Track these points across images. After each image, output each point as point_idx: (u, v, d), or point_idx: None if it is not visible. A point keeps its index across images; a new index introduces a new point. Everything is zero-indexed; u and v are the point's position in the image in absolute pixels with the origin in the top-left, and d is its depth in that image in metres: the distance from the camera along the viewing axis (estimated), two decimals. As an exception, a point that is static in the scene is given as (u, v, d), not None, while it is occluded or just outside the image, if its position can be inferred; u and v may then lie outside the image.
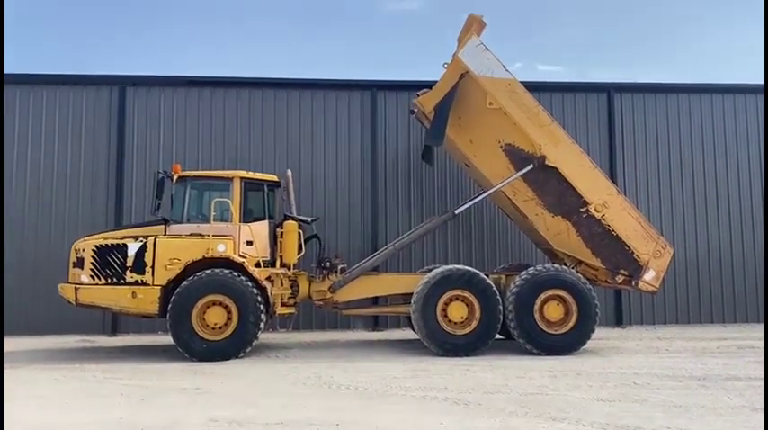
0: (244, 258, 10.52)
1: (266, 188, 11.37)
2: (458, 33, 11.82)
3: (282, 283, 11.00)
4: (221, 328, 10.15)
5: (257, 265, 10.64)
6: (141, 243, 10.38)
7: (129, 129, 14.49)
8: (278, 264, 11.06)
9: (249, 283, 10.19)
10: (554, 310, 10.72)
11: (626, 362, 9.73)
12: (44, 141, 14.27)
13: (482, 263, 14.41)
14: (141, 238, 10.45)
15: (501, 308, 10.64)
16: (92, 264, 10.35)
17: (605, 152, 15.24)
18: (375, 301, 12.84)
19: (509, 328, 10.73)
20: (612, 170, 15.00)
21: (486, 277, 10.92)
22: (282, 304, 10.96)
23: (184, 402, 7.12)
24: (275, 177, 11.76)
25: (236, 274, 10.19)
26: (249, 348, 10.28)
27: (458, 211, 11.85)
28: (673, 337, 12.95)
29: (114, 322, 13.80)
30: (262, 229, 11.03)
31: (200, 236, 10.51)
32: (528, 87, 11.35)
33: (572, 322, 10.68)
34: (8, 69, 14.24)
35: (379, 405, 6.94)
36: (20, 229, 13.94)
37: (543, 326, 10.63)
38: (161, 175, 11.05)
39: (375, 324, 14.49)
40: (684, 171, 15.55)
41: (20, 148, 14.19)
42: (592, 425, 5.97)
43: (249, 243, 10.76)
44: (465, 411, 6.62)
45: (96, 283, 10.32)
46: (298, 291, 11.27)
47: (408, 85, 14.87)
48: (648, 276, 11.15)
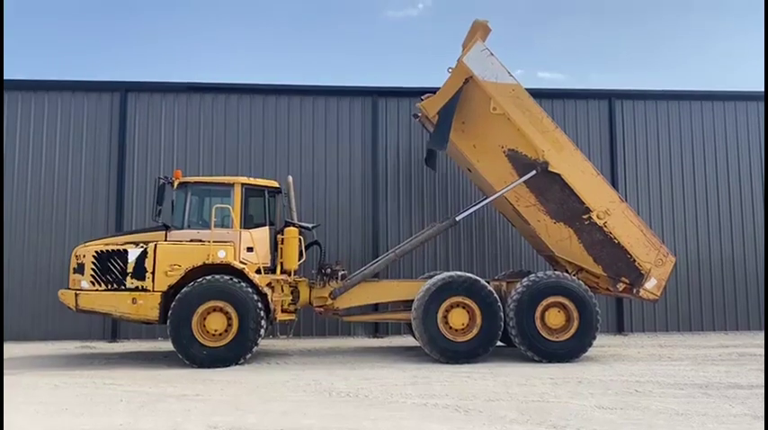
0: (244, 264, 10.51)
1: (267, 194, 11.37)
2: (458, 40, 11.86)
3: (283, 290, 10.98)
4: (221, 335, 10.14)
5: (258, 272, 10.62)
6: (142, 249, 10.38)
7: (131, 135, 14.51)
8: (278, 270, 11.04)
9: (250, 290, 10.18)
10: (555, 317, 10.70)
11: (627, 370, 9.70)
12: (45, 147, 14.29)
13: (483, 269, 14.39)
14: (142, 244, 10.45)
15: (502, 315, 10.62)
16: (92, 269, 10.35)
17: (606, 159, 15.24)
18: (376, 308, 12.84)
19: (510, 335, 10.71)
20: (613, 177, 15.00)
21: (488, 284, 10.90)
22: (283, 310, 10.94)
23: (184, 408, 7.09)
24: (276, 183, 11.77)
25: (236, 281, 10.18)
26: (249, 355, 10.26)
27: (459, 218, 11.83)
28: (674, 345, 12.91)
29: (114, 328, 13.78)
30: (262, 236, 11.03)
31: (200, 242, 10.50)
32: (529, 94, 11.35)
33: (573, 329, 10.66)
34: (10, 75, 14.37)
35: (380, 412, 6.92)
36: (20, 235, 13.94)
37: (544, 334, 10.60)
38: (162, 181, 11.06)
39: (376, 331, 14.46)
40: (685, 178, 15.54)
41: (21, 154, 14.21)
42: (593, 433, 5.95)
43: (250, 249, 10.76)
44: (466, 419, 6.60)
45: (97, 289, 10.30)
46: (298, 297, 11.26)
47: (409, 92, 14.90)
48: (650, 284, 11.12)
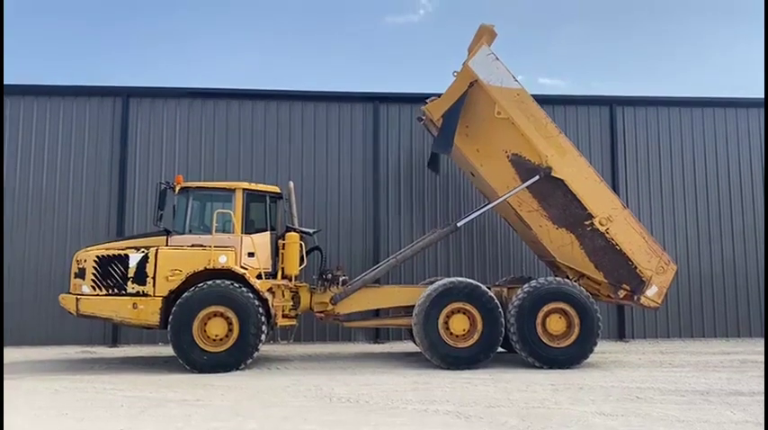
0: (245, 269, 10.51)
1: (268, 199, 11.38)
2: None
3: (284, 295, 10.97)
4: (222, 340, 10.12)
5: (259, 277, 10.62)
6: (143, 254, 10.38)
7: (132, 140, 14.54)
8: (279, 275, 11.04)
9: (250, 295, 10.17)
10: (556, 324, 10.68)
11: (628, 376, 9.68)
12: (47, 151, 14.31)
13: (484, 275, 14.37)
14: (143, 249, 10.45)
15: (503, 320, 10.61)
16: (93, 274, 10.35)
17: (607, 165, 15.23)
18: (376, 313, 12.80)
19: (511, 341, 10.69)
20: (614, 183, 14.99)
21: (488, 290, 10.89)
22: (284, 316, 10.93)
23: (185, 414, 7.09)
24: (277, 189, 11.78)
25: (237, 286, 10.18)
26: (250, 360, 10.25)
27: (460, 224, 11.83)
28: (675, 351, 12.88)
29: (115, 333, 13.76)
30: (263, 241, 11.03)
31: (201, 247, 10.51)
32: (533, 99, 11.35)
33: (574, 335, 10.64)
34: (13, 80, 14.40)
35: (380, 418, 6.91)
36: (22, 239, 13.94)
37: (545, 340, 10.58)
38: (163, 186, 11.07)
39: (376, 336, 14.44)
40: (687, 184, 15.53)
41: (23, 159, 14.24)
42: (594, 440, 5.94)
43: (251, 254, 10.76)
44: (466, 425, 6.59)
45: (97, 294, 10.31)
46: (299, 302, 11.25)
47: (410, 98, 14.94)
48: (651, 292, 11.10)
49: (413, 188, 14.99)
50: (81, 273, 10.45)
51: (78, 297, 10.32)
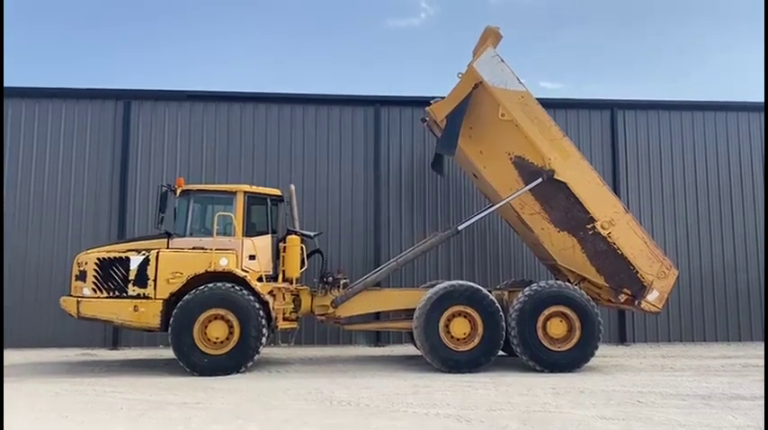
0: (246, 272, 10.51)
1: (269, 202, 11.39)
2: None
3: (284, 298, 10.97)
4: (223, 343, 10.12)
5: (260, 280, 10.62)
6: (144, 256, 10.39)
7: (134, 143, 14.55)
8: (280, 278, 11.04)
9: (251, 298, 10.18)
10: (557, 327, 10.67)
11: (630, 380, 9.66)
12: (49, 154, 14.33)
13: (485, 279, 14.35)
14: (144, 252, 10.46)
15: (504, 324, 10.60)
16: (94, 276, 10.36)
17: (608, 169, 15.22)
18: (377, 317, 12.82)
19: (512, 345, 10.68)
20: (615, 187, 14.97)
21: (489, 293, 10.89)
22: (284, 319, 10.92)
23: (185, 416, 7.08)
24: (278, 191, 11.79)
25: (238, 288, 10.18)
26: (250, 363, 10.25)
27: (461, 227, 11.83)
28: (677, 355, 12.87)
29: (115, 335, 13.76)
30: (264, 244, 11.04)
31: (202, 249, 10.52)
32: (537, 102, 11.33)
33: (575, 339, 10.63)
34: (14, 82, 14.41)
35: (381, 421, 6.90)
36: (23, 242, 13.95)
37: (546, 343, 10.57)
38: (164, 189, 11.09)
39: (377, 339, 14.44)
40: (687, 188, 15.53)
41: (24, 161, 14.25)
42: (595, 444, 5.93)
43: (252, 257, 10.76)
44: (467, 428, 6.58)
45: (98, 296, 10.32)
46: (300, 305, 11.25)
47: (411, 101, 14.98)
48: (652, 297, 11.08)
49: (414, 191, 15.00)
50: (82, 275, 10.45)
51: (79, 299, 10.32)
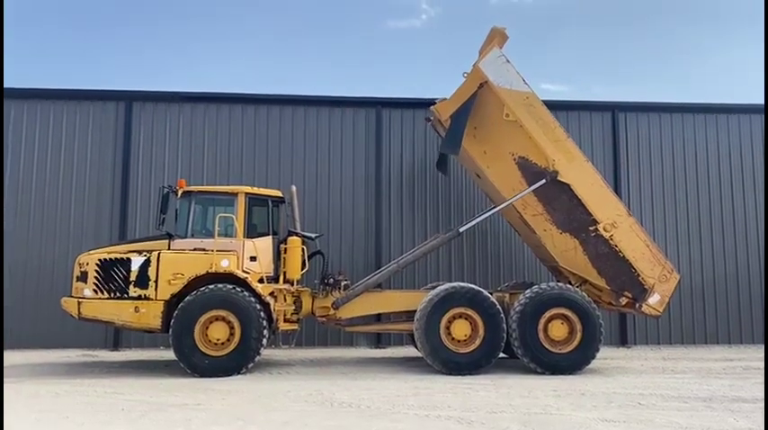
0: (247, 274, 10.51)
1: (271, 204, 11.39)
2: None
3: (286, 299, 10.97)
4: (224, 344, 10.12)
5: (261, 281, 10.62)
6: (145, 257, 10.39)
7: (135, 144, 14.57)
8: (281, 279, 11.04)
9: (252, 299, 10.17)
10: (558, 329, 10.66)
11: (631, 383, 9.65)
12: (50, 155, 14.35)
13: (486, 280, 14.35)
14: (145, 253, 10.46)
15: (505, 326, 10.58)
16: (95, 277, 10.36)
17: (610, 171, 15.21)
18: (378, 318, 12.81)
19: (513, 347, 10.66)
20: (617, 188, 14.96)
21: (491, 295, 10.88)
22: (285, 320, 10.92)
23: (185, 418, 7.08)
24: (280, 193, 11.79)
25: (239, 290, 10.18)
26: (251, 364, 10.24)
27: (462, 230, 11.82)
28: (678, 358, 12.85)
29: (116, 337, 13.77)
30: (266, 245, 11.04)
31: (203, 251, 10.52)
32: (542, 103, 11.31)
33: (576, 341, 10.61)
34: (15, 84, 14.41)
35: (382, 423, 6.89)
36: (24, 243, 13.97)
37: (547, 345, 10.56)
38: (166, 190, 11.09)
39: (378, 341, 14.43)
40: (689, 190, 15.51)
41: (26, 162, 14.28)
42: (596, 446, 5.92)
43: (253, 258, 10.76)
44: (468, 430, 6.57)
45: (99, 297, 10.31)
46: (301, 307, 11.25)
47: (413, 103, 15.00)
48: (653, 300, 11.06)
49: (415, 193, 15.00)
50: (83, 276, 10.45)
51: (80, 300, 10.32)
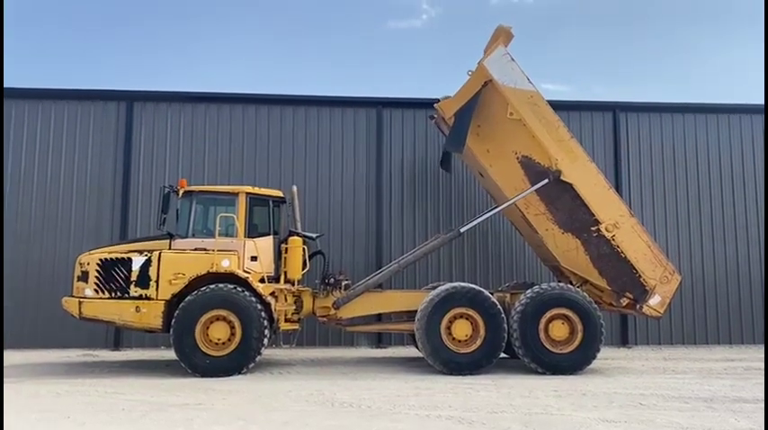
0: (248, 273, 10.51)
1: (271, 204, 11.39)
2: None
3: (286, 299, 10.97)
4: (225, 344, 10.12)
5: (261, 281, 10.62)
6: (146, 257, 10.39)
7: (136, 144, 14.58)
8: (282, 279, 11.04)
9: (253, 299, 10.17)
10: (559, 329, 10.65)
11: (632, 383, 9.64)
12: (51, 155, 14.36)
13: (487, 281, 14.35)
14: (146, 252, 10.45)
15: (506, 326, 10.58)
16: (96, 277, 10.36)
17: (611, 171, 15.19)
18: (379, 318, 12.81)
19: (514, 347, 10.65)
20: (617, 189, 14.90)
21: (491, 295, 10.87)
22: (286, 320, 10.92)
23: (186, 418, 7.08)
24: (280, 193, 11.79)
25: (240, 290, 10.18)
26: (252, 364, 10.24)
27: (463, 230, 11.81)
28: (679, 358, 12.84)
29: (117, 336, 13.77)
30: (266, 245, 11.03)
31: (204, 251, 10.51)
32: (547, 102, 11.29)
33: (577, 341, 10.61)
34: (16, 84, 14.43)
35: (382, 423, 6.88)
36: (25, 242, 13.97)
37: (548, 346, 10.56)
38: (167, 190, 11.09)
39: (379, 341, 14.43)
40: (690, 190, 15.50)
41: (27, 162, 14.28)
42: (597, 447, 5.91)
43: (254, 258, 10.75)
44: (469, 430, 6.57)
45: (100, 297, 10.31)
46: (302, 306, 11.26)
47: (413, 103, 15.00)
48: (654, 301, 11.05)
49: (416, 193, 14.99)
50: (84, 276, 10.46)
51: (81, 300, 10.32)
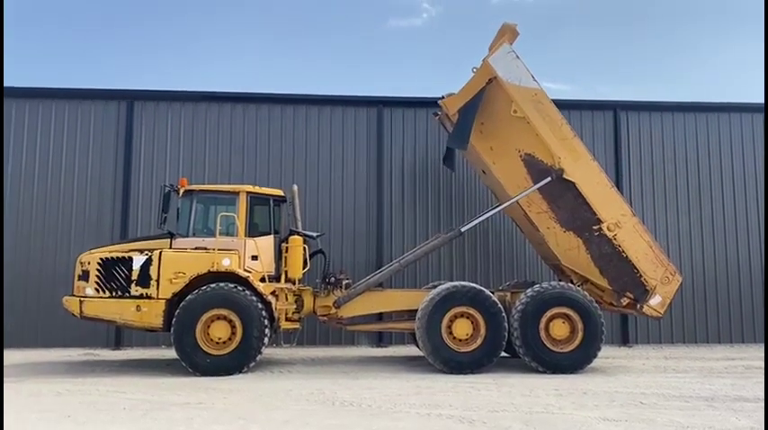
0: (249, 273, 10.51)
1: (272, 203, 11.40)
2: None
3: (287, 298, 10.98)
4: (225, 343, 10.12)
5: (262, 280, 10.62)
6: (146, 256, 10.39)
7: (137, 143, 14.58)
8: (283, 278, 11.04)
9: (254, 298, 10.17)
10: (560, 328, 10.65)
11: (632, 382, 9.63)
12: (52, 154, 14.36)
13: (487, 280, 14.35)
14: (147, 252, 10.46)
15: (506, 325, 10.58)
16: (97, 276, 10.36)
17: (611, 170, 15.16)
18: (380, 317, 12.81)
19: (514, 346, 10.66)
20: (618, 187, 14.87)
21: (492, 294, 10.87)
22: (287, 319, 10.93)
23: (187, 417, 7.08)
24: (281, 192, 11.79)
25: (240, 289, 10.18)
26: (253, 363, 10.24)
27: (464, 229, 11.80)
28: (680, 357, 12.83)
29: (118, 335, 13.78)
30: (267, 244, 11.04)
31: (205, 250, 10.52)
32: (551, 101, 11.28)
33: (578, 340, 10.61)
34: (17, 83, 14.43)
35: (383, 422, 6.88)
36: (25, 242, 13.98)
37: (549, 344, 10.55)
38: (167, 189, 11.10)
39: (379, 340, 14.43)
40: (691, 189, 15.49)
41: (28, 161, 14.29)
42: (598, 446, 5.91)
43: (254, 257, 10.76)
44: (470, 429, 6.56)
45: (101, 296, 10.32)
46: (302, 306, 11.26)
47: (415, 102, 14.99)
48: (654, 301, 11.04)
49: (416, 192, 14.99)
50: (84, 275, 10.46)
51: (82, 299, 10.33)
